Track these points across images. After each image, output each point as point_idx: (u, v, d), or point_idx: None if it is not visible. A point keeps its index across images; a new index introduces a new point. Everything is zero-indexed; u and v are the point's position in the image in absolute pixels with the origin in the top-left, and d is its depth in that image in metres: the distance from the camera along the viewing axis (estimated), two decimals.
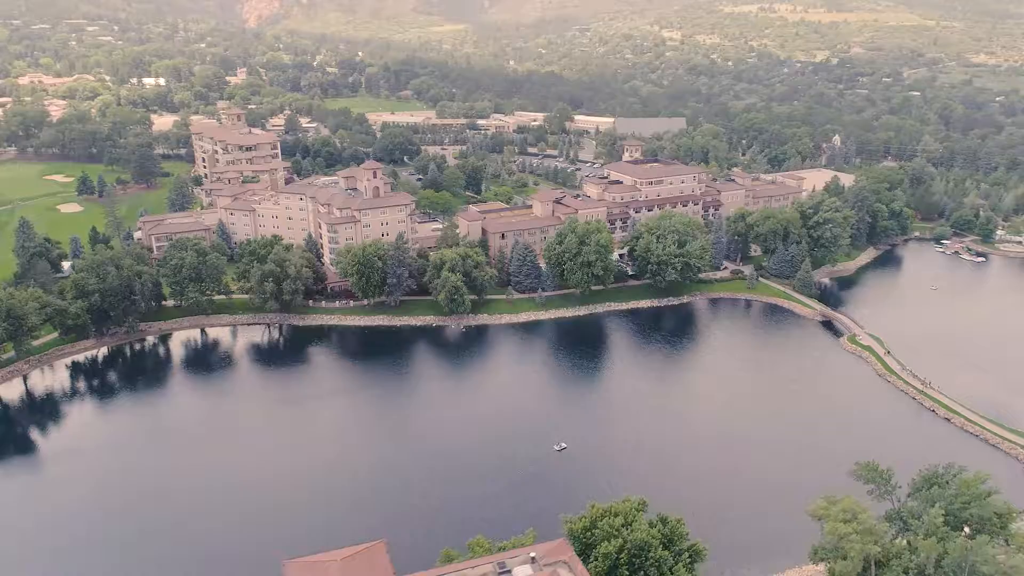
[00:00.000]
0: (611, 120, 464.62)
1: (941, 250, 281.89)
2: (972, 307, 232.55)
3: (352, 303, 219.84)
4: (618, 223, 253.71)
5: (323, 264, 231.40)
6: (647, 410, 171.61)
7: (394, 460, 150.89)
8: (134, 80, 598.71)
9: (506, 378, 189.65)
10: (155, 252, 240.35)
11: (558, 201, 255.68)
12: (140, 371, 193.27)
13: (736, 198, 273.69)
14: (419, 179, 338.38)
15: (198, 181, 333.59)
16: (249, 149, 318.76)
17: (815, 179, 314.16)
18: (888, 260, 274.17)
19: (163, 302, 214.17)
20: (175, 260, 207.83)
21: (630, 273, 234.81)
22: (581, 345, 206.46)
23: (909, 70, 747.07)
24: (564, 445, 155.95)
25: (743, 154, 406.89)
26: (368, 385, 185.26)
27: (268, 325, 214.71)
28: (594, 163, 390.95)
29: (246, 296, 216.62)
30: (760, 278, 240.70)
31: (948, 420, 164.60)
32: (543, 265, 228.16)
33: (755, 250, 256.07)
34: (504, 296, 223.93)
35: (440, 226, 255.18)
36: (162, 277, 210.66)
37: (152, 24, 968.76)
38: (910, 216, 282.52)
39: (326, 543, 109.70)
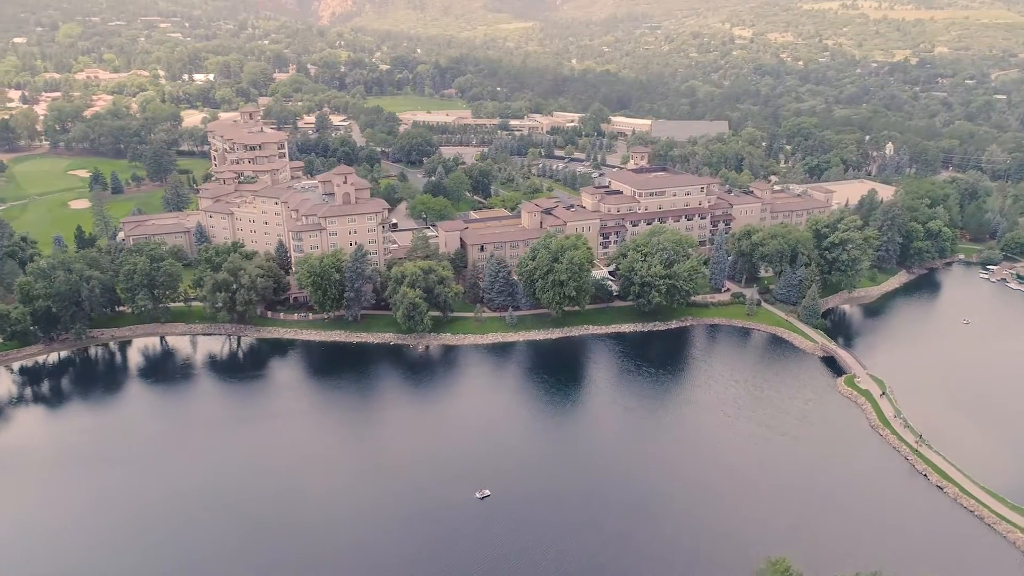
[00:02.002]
0: (648, 123, 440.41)
1: (986, 276, 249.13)
2: (1007, 347, 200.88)
3: (311, 316, 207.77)
4: (612, 237, 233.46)
5: (291, 272, 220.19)
6: (594, 455, 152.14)
7: (284, 507, 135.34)
8: (186, 76, 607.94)
9: (452, 409, 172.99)
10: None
11: (548, 212, 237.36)
12: (79, 380, 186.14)
13: (751, 212, 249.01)
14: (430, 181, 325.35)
15: (208, 179, 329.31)
16: (253, 148, 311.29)
17: (851, 192, 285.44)
18: (921, 286, 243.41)
19: (118, 308, 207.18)
20: (128, 265, 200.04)
21: (615, 293, 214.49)
22: (546, 373, 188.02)
23: (998, 71, 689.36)
24: (487, 492, 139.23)
25: (785, 161, 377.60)
26: (303, 410, 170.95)
27: (227, 336, 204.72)
28: (621, 168, 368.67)
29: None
30: (765, 303, 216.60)
31: (941, 489, 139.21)
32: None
33: (768, 271, 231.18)
34: (473, 314, 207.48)
35: (431, 234, 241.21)
36: (117, 282, 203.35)
37: (223, 21, 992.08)
38: (950, 236, 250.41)
39: None
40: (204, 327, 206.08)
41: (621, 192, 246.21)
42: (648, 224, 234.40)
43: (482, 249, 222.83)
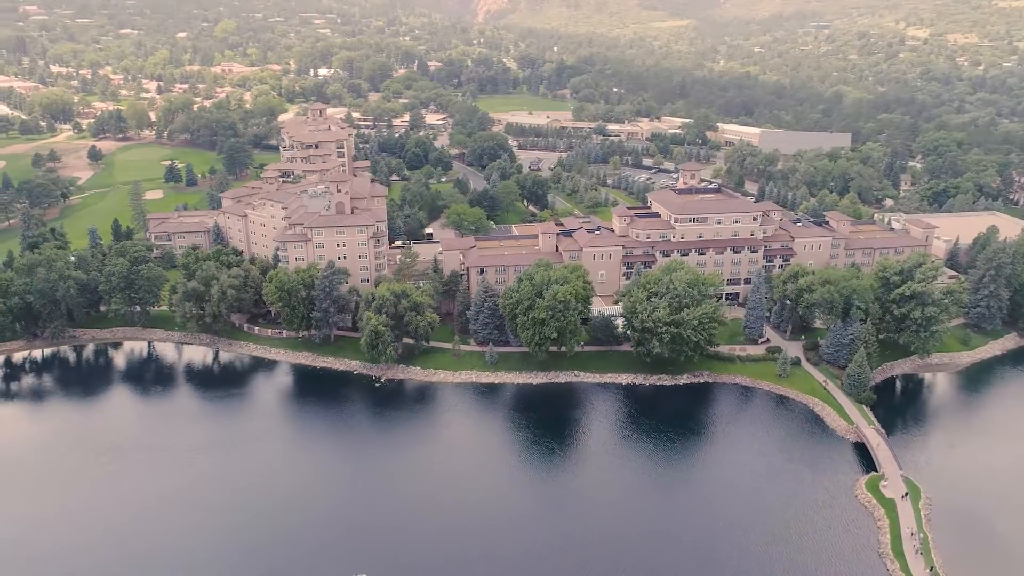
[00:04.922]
0: (759, 131, 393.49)
1: None
2: None
3: (285, 333, 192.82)
4: (638, 268, 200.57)
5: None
6: (516, 546, 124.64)
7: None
8: (311, 71, 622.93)
9: (382, 464, 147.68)
10: (155, 251, 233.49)
11: (567, 233, 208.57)
12: (46, 379, 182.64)
13: (819, 248, 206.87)
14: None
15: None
16: (310, 147, 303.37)
17: (971, 227, 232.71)
18: None
19: (102, 309, 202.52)
20: (109, 266, 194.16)
21: (619, 334, 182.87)
22: (509, 428, 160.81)
23: None
24: None
25: (911, 183, 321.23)
26: (221, 444, 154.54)
27: (203, 347, 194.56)
28: (711, 182, 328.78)
29: None
30: (807, 363, 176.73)
31: None
32: None
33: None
34: (451, 347, 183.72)
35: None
36: (99, 284, 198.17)
37: (374, 18, 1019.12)
38: None
39: None
40: (181, 335, 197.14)
41: (658, 215, 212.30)
42: (684, 255, 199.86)
43: (482, 272, 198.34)
